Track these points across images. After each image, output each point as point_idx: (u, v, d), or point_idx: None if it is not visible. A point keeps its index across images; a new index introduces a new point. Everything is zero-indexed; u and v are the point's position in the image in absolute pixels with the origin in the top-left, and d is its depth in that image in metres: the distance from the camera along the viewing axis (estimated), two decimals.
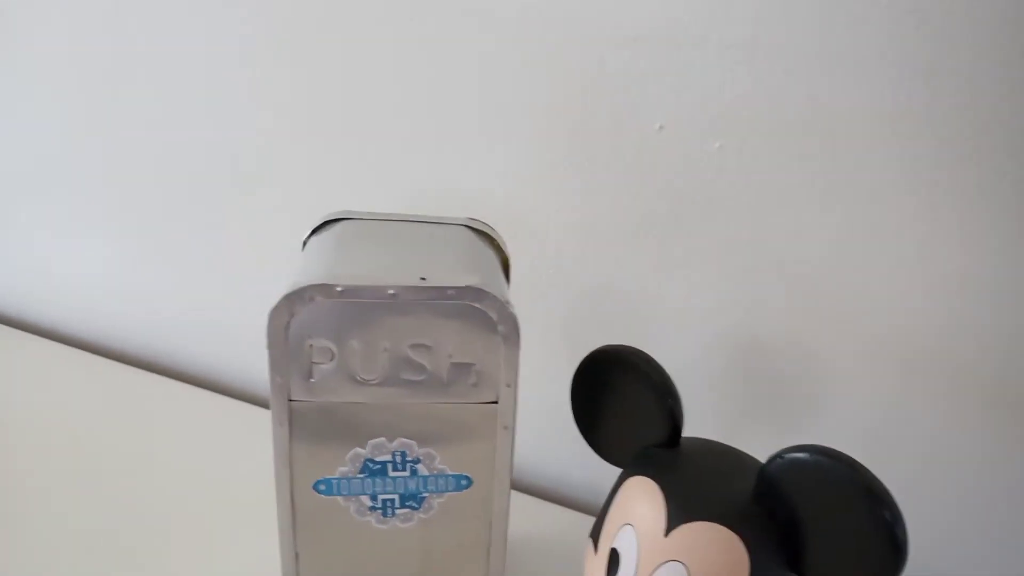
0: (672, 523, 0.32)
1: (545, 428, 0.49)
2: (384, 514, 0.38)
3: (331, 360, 0.34)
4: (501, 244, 0.41)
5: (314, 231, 0.40)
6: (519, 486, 0.53)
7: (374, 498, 0.37)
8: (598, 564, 0.34)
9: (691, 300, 0.49)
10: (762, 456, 0.35)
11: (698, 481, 0.33)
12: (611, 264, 0.50)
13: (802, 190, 0.44)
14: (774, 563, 0.31)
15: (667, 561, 0.31)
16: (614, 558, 0.33)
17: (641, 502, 0.33)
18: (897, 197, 0.43)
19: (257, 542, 0.45)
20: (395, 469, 0.37)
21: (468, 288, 0.33)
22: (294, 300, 0.33)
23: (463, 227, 0.41)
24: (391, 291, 0.33)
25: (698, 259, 0.48)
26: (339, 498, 0.37)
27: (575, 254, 0.51)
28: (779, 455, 0.31)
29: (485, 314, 0.34)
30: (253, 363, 0.65)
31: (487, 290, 0.34)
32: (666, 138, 0.45)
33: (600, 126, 0.47)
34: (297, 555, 0.38)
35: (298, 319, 0.33)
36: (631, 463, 0.36)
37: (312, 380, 0.35)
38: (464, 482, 0.37)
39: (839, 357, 0.47)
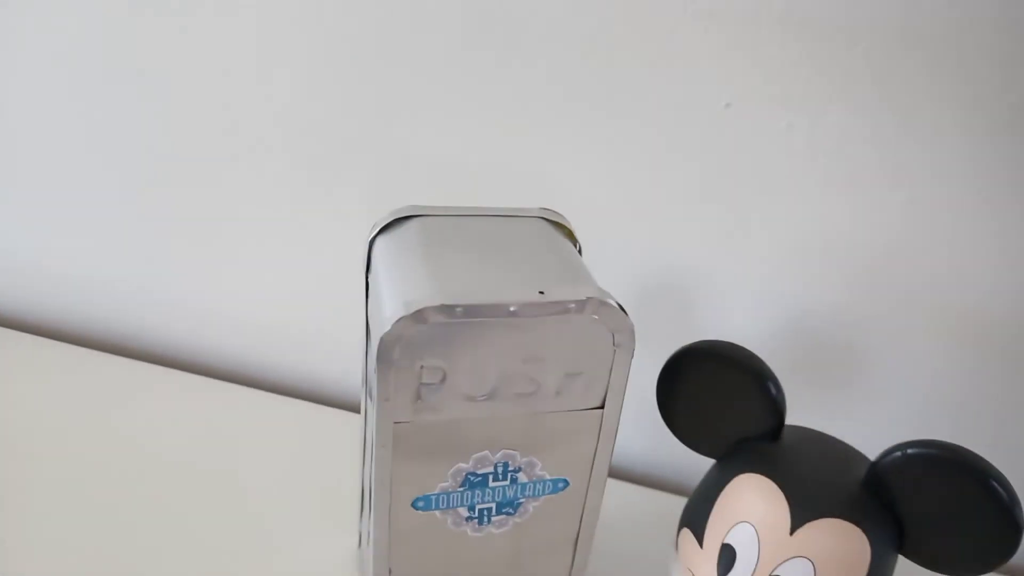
0: (797, 522, 0.33)
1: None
2: (480, 523, 0.37)
3: (441, 380, 0.32)
4: (574, 234, 0.39)
5: (382, 229, 0.37)
6: None
7: (471, 508, 0.36)
8: (706, 559, 0.35)
9: (750, 276, 0.49)
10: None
11: (813, 477, 0.34)
12: (673, 241, 0.50)
13: (869, 168, 0.44)
14: (889, 549, 0.33)
15: (792, 557, 0.33)
16: (726, 554, 0.34)
17: (759, 501, 0.34)
18: (964, 176, 0.44)
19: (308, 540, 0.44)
20: (495, 480, 0.36)
21: (589, 300, 0.32)
22: (409, 322, 0.31)
23: (539, 219, 0.39)
24: (512, 308, 0.31)
25: (761, 237, 0.48)
26: (436, 512, 0.36)
27: (638, 233, 0.50)
28: (893, 450, 0.33)
29: (602, 324, 0.33)
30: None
31: (607, 301, 0.32)
32: (733, 116, 0.44)
33: (666, 103, 0.45)
34: (390, 571, 0.37)
35: (410, 340, 0.31)
36: (734, 458, 0.36)
37: (420, 400, 0.33)
38: (561, 485, 0.37)
39: (902, 334, 0.48)
